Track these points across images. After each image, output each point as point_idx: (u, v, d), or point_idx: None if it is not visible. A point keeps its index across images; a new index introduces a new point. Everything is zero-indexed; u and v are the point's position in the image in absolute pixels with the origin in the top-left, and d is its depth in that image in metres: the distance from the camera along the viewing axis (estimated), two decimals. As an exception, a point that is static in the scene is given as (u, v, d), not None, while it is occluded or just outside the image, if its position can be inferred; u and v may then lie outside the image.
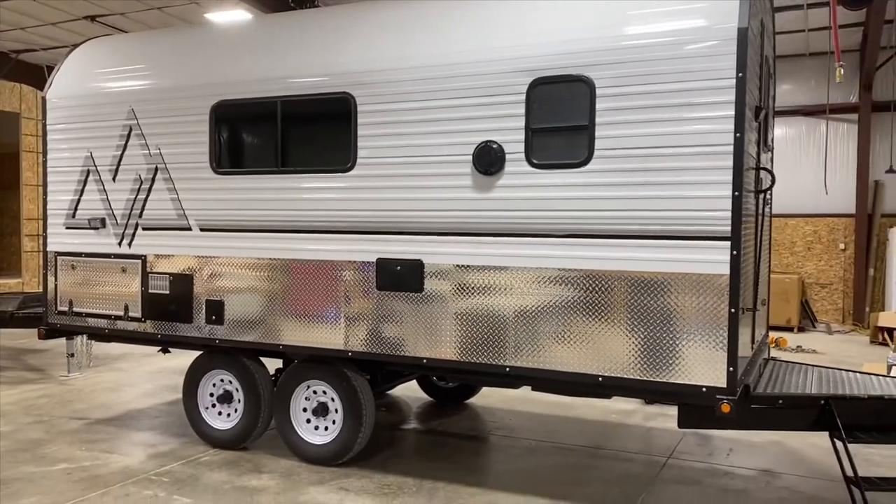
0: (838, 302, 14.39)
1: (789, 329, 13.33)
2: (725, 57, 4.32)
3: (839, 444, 4.73)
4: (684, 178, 4.45)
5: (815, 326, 14.03)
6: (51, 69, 17.71)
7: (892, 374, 7.24)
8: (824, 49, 12.90)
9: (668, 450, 6.29)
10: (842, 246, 14.31)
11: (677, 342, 4.53)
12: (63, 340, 9.29)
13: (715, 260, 4.39)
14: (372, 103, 5.34)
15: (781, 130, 14.60)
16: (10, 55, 16.90)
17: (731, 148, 4.33)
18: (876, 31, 11.80)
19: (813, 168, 14.20)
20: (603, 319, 4.72)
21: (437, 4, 5.51)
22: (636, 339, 4.64)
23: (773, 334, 12.15)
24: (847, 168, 14.17)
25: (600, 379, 4.75)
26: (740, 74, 4.30)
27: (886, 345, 11.26)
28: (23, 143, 10.78)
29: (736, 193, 4.34)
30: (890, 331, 11.07)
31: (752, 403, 4.88)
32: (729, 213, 4.35)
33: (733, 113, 4.32)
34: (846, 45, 13.73)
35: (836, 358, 10.59)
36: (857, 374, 5.56)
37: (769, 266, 6.47)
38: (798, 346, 11.61)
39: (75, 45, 7.04)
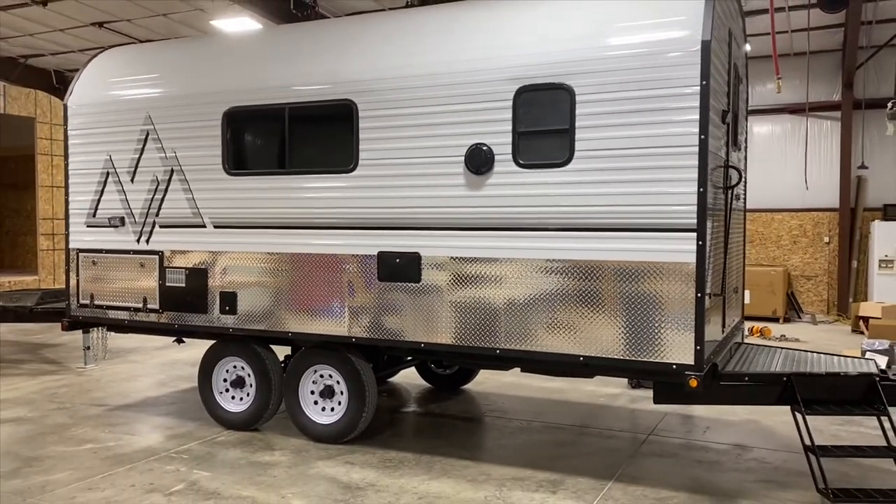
0: (823, 293, 14.89)
1: (775, 319, 13.83)
2: (690, 67, 4.80)
3: (799, 416, 5.21)
4: (655, 175, 4.93)
5: (800, 317, 14.52)
6: (58, 73, 18.23)
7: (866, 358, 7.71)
8: (807, 49, 13.39)
9: (650, 428, 6.78)
10: (826, 239, 14.81)
11: (650, 324, 5.02)
12: (77, 336, 9.81)
13: (682, 249, 4.88)
14: (372, 109, 5.82)
15: (767, 128, 15.10)
16: (18, 60, 17.36)
17: (696, 149, 4.81)
18: (854, 33, 12.29)
19: (798, 164, 14.69)
20: (584, 304, 5.20)
21: (432, 18, 6.00)
22: (614, 321, 5.12)
23: (758, 324, 12.67)
24: (831, 164, 14.67)
25: (582, 359, 5.24)
26: (704, 82, 4.78)
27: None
28: (38, 146, 11.25)
29: (701, 189, 4.82)
30: (868, 320, 11.56)
31: (721, 380, 5.37)
32: (695, 208, 4.83)
33: (698, 117, 4.80)
34: (829, 45, 14.25)
35: (817, 346, 11.06)
36: (821, 354, 6.05)
37: (743, 256, 6.95)
38: (782, 336, 12.09)
39: (93, 56, 7.51)
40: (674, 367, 4.96)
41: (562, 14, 5.41)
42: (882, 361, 8.24)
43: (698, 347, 4.89)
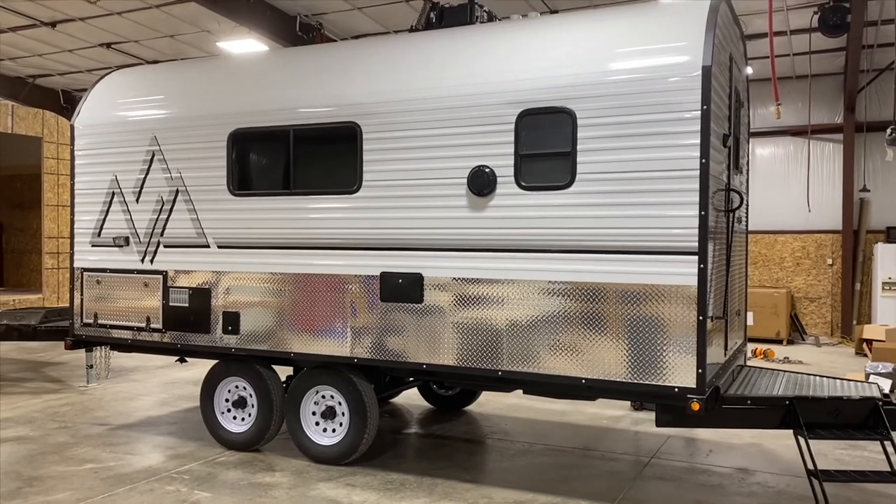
0: (827, 315, 14.85)
1: (778, 342, 13.79)
2: (691, 92, 4.84)
3: (802, 440, 5.19)
4: (656, 199, 4.96)
5: (804, 339, 14.48)
6: (66, 93, 18.41)
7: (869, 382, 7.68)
8: (809, 72, 13.49)
9: (653, 451, 6.75)
10: (829, 261, 14.80)
11: (652, 347, 5.02)
12: (80, 354, 9.81)
13: (684, 272, 4.89)
14: (376, 131, 5.87)
15: (770, 150, 15.16)
16: (26, 80, 17.54)
17: (697, 172, 4.84)
18: (855, 56, 12.36)
19: (800, 186, 14.71)
20: (586, 327, 5.21)
21: (435, 41, 6.07)
22: (616, 344, 5.13)
23: (761, 346, 12.63)
24: (833, 186, 14.70)
25: (584, 381, 5.24)
26: (705, 107, 4.82)
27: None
28: (44, 165, 11.35)
29: (702, 213, 4.84)
30: (871, 343, 11.51)
31: (724, 404, 5.36)
32: (696, 231, 4.85)
33: (699, 141, 4.84)
34: (831, 68, 14.33)
35: (821, 369, 11.03)
36: (824, 377, 6.03)
37: (745, 279, 6.96)
38: (785, 358, 12.05)
39: (100, 77, 7.59)
40: (676, 390, 4.96)
41: (564, 38, 5.48)
42: (886, 384, 8.22)
43: (700, 370, 4.89)
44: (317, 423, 6.32)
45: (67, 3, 12.42)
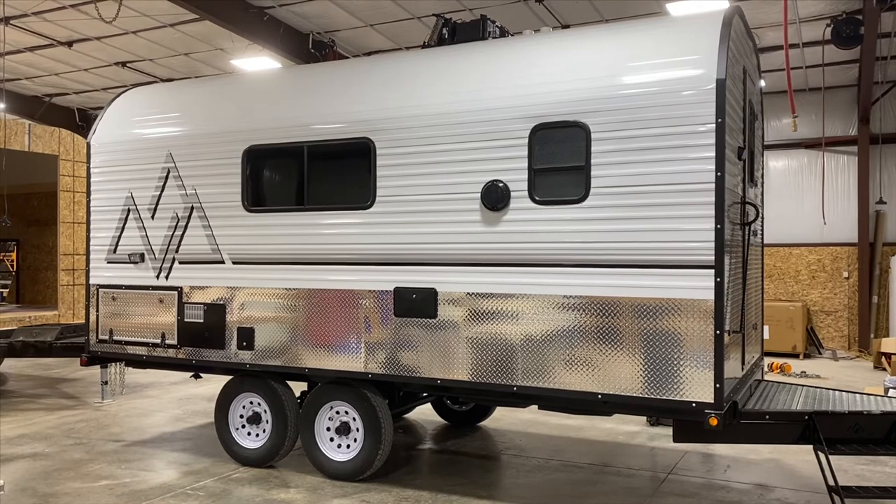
0: (843, 329, 14.70)
1: (795, 356, 13.65)
2: (705, 104, 4.83)
3: (822, 456, 5.12)
4: (671, 212, 4.93)
5: (820, 353, 14.33)
6: (81, 111, 18.61)
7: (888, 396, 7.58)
8: (822, 84, 13.44)
9: (670, 467, 6.68)
10: (845, 274, 14.66)
11: (669, 362, 4.98)
12: (95, 370, 9.86)
13: (700, 286, 4.86)
14: (390, 147, 5.89)
15: (784, 163, 15.09)
16: (43, 98, 17.76)
17: (712, 185, 4.82)
18: (869, 68, 12.31)
19: (815, 199, 14.62)
20: (602, 342, 5.18)
21: (448, 57, 6.09)
22: (632, 359, 5.09)
23: (777, 360, 12.51)
24: (848, 198, 14.59)
25: (600, 396, 5.20)
26: (719, 120, 4.81)
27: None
28: (60, 183, 11.47)
29: (718, 226, 4.81)
30: (890, 356, 11.37)
31: (742, 419, 5.30)
32: (712, 244, 4.82)
33: (714, 154, 4.82)
34: (844, 80, 14.27)
35: (839, 383, 10.90)
36: (843, 392, 5.96)
37: (762, 292, 6.90)
38: (802, 372, 11.92)
39: (116, 95, 7.67)
40: (693, 405, 4.91)
41: (577, 53, 5.49)
42: (906, 399, 8.10)
43: (718, 385, 4.84)
44: (331, 439, 6.30)
45: (83, 22, 12.59)
